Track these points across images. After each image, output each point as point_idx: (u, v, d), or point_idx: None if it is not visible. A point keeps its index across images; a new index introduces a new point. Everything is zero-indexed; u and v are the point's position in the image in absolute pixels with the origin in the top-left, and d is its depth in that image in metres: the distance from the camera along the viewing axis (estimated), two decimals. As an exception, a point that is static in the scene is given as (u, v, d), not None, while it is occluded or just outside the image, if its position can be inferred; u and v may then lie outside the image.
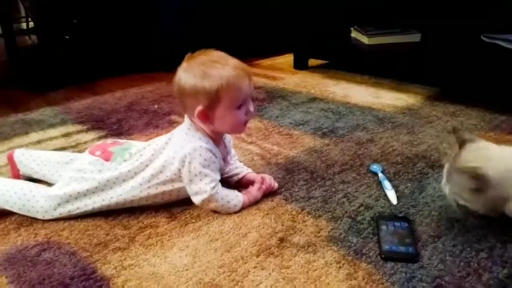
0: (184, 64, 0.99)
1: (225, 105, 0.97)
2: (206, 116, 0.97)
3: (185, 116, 1.03)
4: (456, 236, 0.91)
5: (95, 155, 1.05)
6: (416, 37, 2.09)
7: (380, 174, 1.16)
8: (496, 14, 1.92)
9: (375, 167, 1.20)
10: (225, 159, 1.07)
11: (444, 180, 0.98)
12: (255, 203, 1.04)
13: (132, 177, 0.99)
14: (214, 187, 0.98)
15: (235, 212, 1.00)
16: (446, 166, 0.98)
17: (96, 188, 0.99)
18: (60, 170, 1.09)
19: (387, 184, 1.11)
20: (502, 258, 0.84)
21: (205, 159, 0.97)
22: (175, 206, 1.03)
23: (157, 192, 1.00)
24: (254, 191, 1.05)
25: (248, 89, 0.98)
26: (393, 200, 1.06)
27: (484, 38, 1.93)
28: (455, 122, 1.49)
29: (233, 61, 0.98)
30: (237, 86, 0.96)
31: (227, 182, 1.11)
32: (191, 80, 0.95)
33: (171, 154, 0.98)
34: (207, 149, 0.98)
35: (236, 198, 1.01)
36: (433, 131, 1.43)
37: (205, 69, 0.94)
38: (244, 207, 1.02)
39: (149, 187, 0.99)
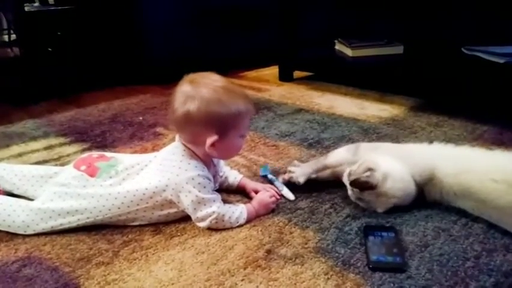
0: (188, 88, 0.94)
1: (235, 134, 0.97)
2: (214, 145, 0.95)
3: (177, 138, 1.02)
4: (442, 245, 0.91)
5: (80, 169, 1.02)
6: (399, 49, 2.12)
7: (270, 176, 1.19)
8: (476, 28, 1.97)
9: (264, 170, 1.23)
10: (214, 178, 1.05)
11: None
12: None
13: (118, 198, 0.97)
14: (218, 206, 0.97)
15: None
16: None
17: (80, 204, 0.96)
18: (44, 184, 1.06)
19: (278, 184, 1.15)
20: (488, 266, 0.84)
21: (204, 186, 0.96)
22: (160, 218, 1.01)
23: (144, 215, 0.98)
24: (260, 197, 1.04)
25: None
26: (291, 196, 1.10)
27: (464, 51, 1.97)
28: (439, 133, 1.51)
29: (239, 88, 0.98)
30: (248, 115, 0.98)
31: (226, 190, 1.13)
32: (205, 107, 0.92)
33: (163, 181, 0.96)
34: (204, 176, 0.96)
35: (238, 208, 1.01)
36: (417, 141, 1.44)
37: (220, 96, 0.93)
38: (252, 216, 1.01)
39: (137, 210, 0.97)
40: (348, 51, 2.15)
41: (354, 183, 1.03)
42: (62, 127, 1.65)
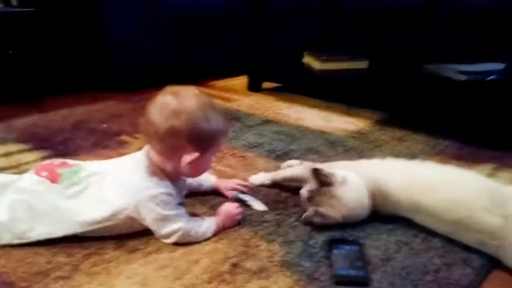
0: (172, 102, 0.91)
1: (212, 153, 0.98)
2: (190, 162, 0.94)
3: (142, 152, 0.99)
4: (404, 258, 0.93)
5: (41, 175, 0.98)
6: (364, 64, 2.17)
7: (233, 192, 1.19)
8: (439, 46, 2.04)
9: None
10: (182, 190, 1.05)
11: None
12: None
13: (79, 216, 0.93)
14: (184, 221, 0.95)
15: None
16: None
17: (40, 217, 0.93)
18: (2, 194, 1.00)
19: (247, 197, 1.15)
20: (447, 280, 0.87)
21: (167, 204, 0.94)
22: (123, 231, 0.99)
23: (106, 230, 0.95)
24: (225, 209, 1.04)
25: None
26: (263, 206, 1.12)
27: (427, 67, 2.03)
28: (402, 147, 1.55)
29: (218, 105, 0.99)
30: (226, 134, 1.00)
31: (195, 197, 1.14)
32: (191, 123, 0.90)
33: (125, 200, 0.94)
34: (166, 193, 0.94)
35: (204, 221, 0.99)
36: (382, 154, 1.46)
37: (206, 113, 0.92)
38: (219, 229, 1.00)
39: (99, 227, 0.94)
40: (316, 64, 2.18)
41: (316, 172, 1.04)
42: (21, 133, 1.59)
